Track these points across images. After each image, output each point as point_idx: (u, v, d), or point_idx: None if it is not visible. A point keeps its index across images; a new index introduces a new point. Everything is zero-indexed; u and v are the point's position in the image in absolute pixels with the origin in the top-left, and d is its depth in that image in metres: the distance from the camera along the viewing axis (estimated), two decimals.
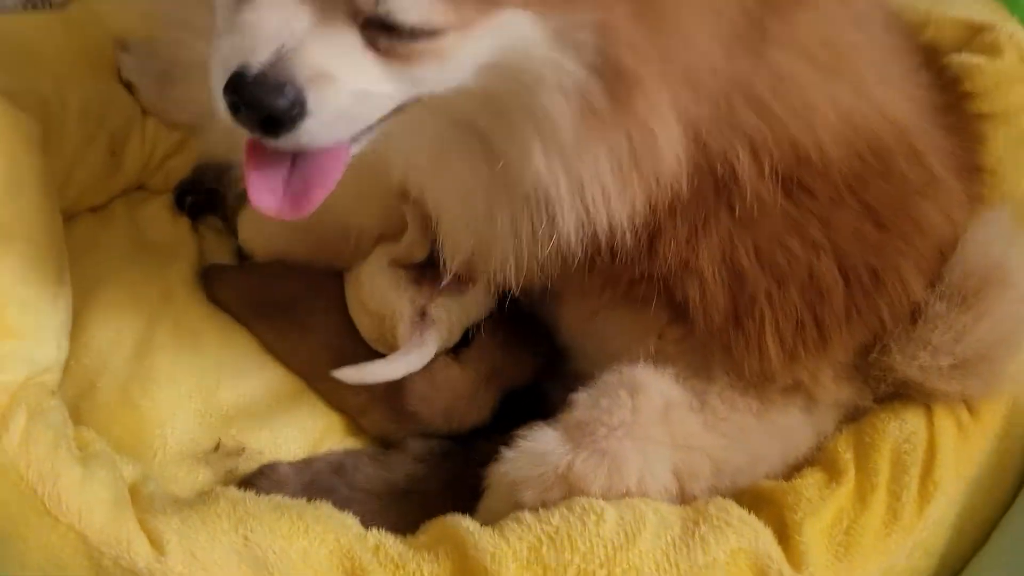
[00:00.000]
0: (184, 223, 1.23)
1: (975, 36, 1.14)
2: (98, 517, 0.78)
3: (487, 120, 0.78)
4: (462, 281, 1.02)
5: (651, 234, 0.85)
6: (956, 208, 0.95)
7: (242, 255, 1.22)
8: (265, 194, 0.74)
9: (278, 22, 0.67)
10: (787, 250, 0.88)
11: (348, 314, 1.10)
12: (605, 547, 0.80)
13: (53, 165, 1.02)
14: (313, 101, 0.67)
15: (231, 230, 1.23)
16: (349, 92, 0.69)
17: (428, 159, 0.85)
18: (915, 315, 0.92)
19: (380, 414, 1.08)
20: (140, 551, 0.76)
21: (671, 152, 0.77)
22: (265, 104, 0.67)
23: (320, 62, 0.67)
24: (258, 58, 0.66)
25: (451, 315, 1.04)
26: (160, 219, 1.23)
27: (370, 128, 0.74)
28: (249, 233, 1.18)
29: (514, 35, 0.70)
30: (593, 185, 0.77)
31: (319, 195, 0.74)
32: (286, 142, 0.69)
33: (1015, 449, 0.95)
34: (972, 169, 1.02)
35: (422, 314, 1.03)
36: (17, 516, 0.78)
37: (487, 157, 0.79)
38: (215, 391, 1.05)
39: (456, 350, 1.07)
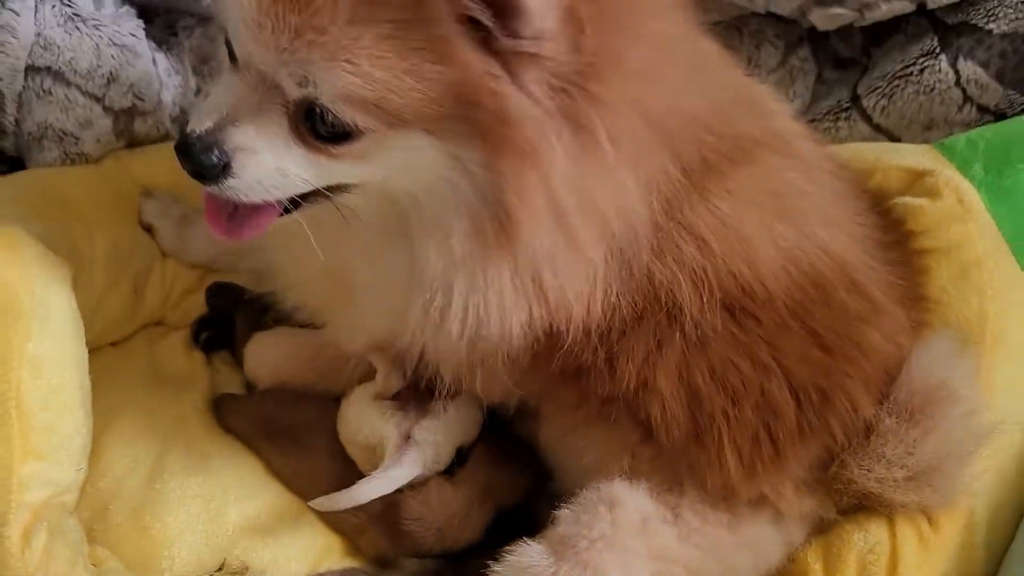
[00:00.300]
0: (198, 357, 1.32)
1: (917, 180, 1.25)
2: None
3: (408, 213, 0.89)
4: (441, 398, 1.11)
5: (609, 355, 0.95)
6: (900, 333, 1.04)
7: (249, 387, 1.30)
8: (213, 220, 0.92)
9: (224, 101, 0.84)
10: (739, 371, 0.97)
11: None
12: None
13: (82, 303, 1.11)
14: (236, 166, 0.84)
15: (239, 364, 1.32)
16: (268, 166, 0.84)
17: (364, 242, 0.96)
18: (868, 431, 0.99)
19: (376, 534, 1.14)
20: None
21: (580, 276, 0.88)
22: (196, 159, 0.83)
23: (248, 139, 0.83)
24: (202, 125, 0.84)
25: (436, 436, 1.12)
26: (176, 353, 1.32)
27: (309, 201, 0.88)
28: (254, 364, 1.27)
29: (418, 152, 0.82)
30: (489, 293, 0.88)
31: (250, 235, 0.92)
32: (219, 192, 0.86)
33: (975, 558, 1.01)
34: (916, 298, 1.11)
35: (407, 437, 1.11)
36: None
37: (408, 247, 0.91)
38: (222, 512, 1.12)
39: (451, 471, 1.15)
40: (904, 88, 1.42)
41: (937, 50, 1.39)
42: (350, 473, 1.14)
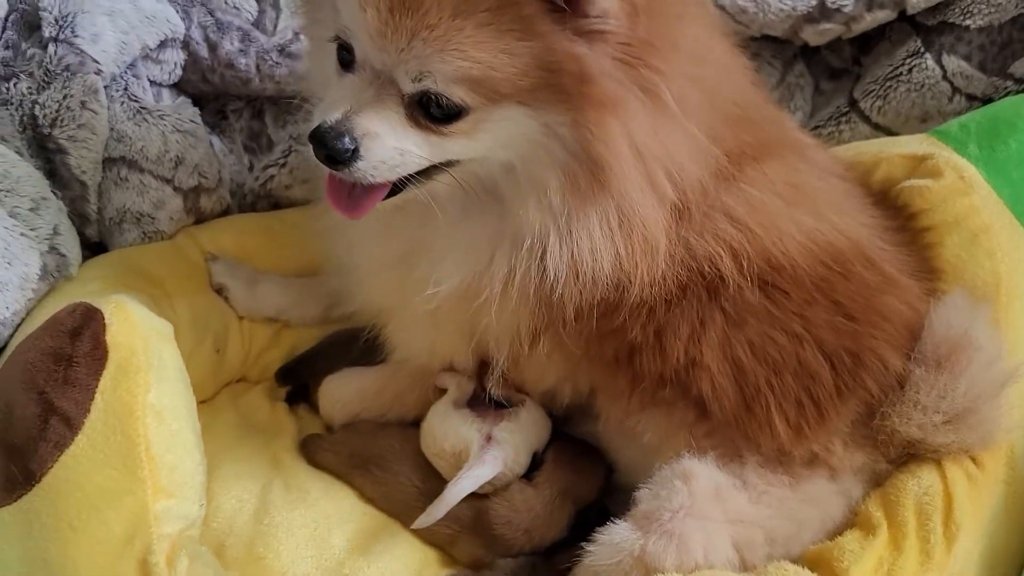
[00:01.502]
0: (281, 407, 1.43)
1: (919, 165, 1.36)
2: None
3: (501, 182, 1.03)
4: (513, 403, 1.24)
5: (657, 329, 1.06)
6: (916, 300, 1.15)
7: (329, 428, 1.41)
8: (335, 200, 1.05)
9: (346, 97, 0.98)
10: (776, 344, 1.08)
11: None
12: None
13: None
14: (364, 149, 0.97)
15: (317, 411, 1.43)
16: (391, 147, 0.98)
17: (449, 216, 1.08)
18: (901, 383, 1.09)
19: (469, 542, 1.23)
20: None
21: (654, 223, 1.01)
22: (331, 146, 0.97)
23: (373, 125, 0.97)
24: (332, 116, 0.97)
25: (514, 436, 1.22)
26: (261, 406, 1.43)
27: (418, 180, 1.02)
28: (327, 404, 1.37)
29: (515, 122, 0.96)
30: (581, 238, 1.00)
31: (365, 210, 1.04)
32: (348, 175, 0.99)
33: (1020, 492, 1.10)
34: (927, 271, 1.21)
35: (488, 438, 1.22)
36: None
37: (499, 211, 1.04)
38: (327, 538, 1.21)
39: (529, 476, 1.25)
40: (897, 88, 1.55)
41: (922, 50, 1.53)
42: (436, 488, 1.23)
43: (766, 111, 1.24)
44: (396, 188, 1.04)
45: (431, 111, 0.96)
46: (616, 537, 1.04)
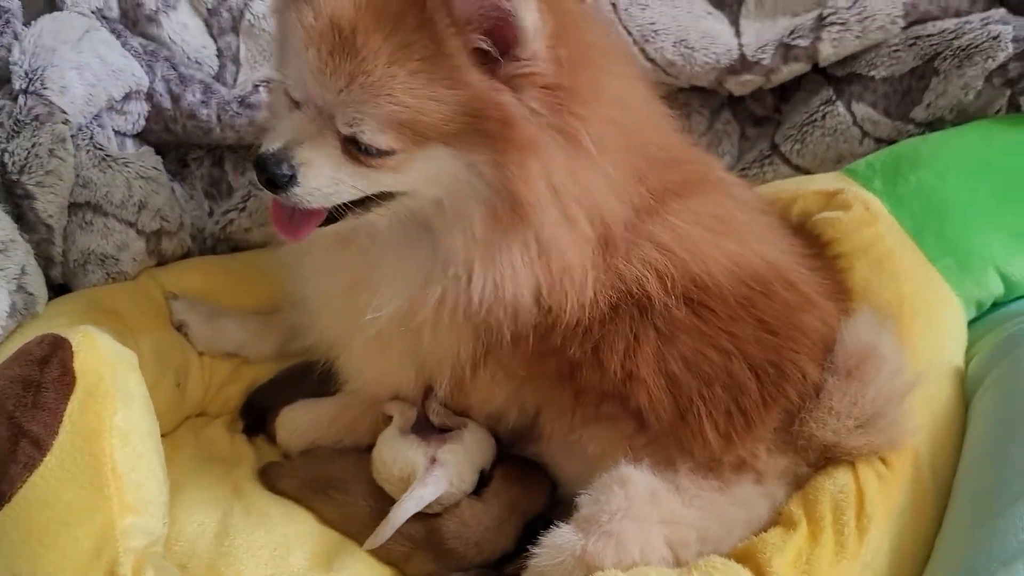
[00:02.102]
0: (240, 439, 1.49)
1: (831, 199, 1.49)
2: None
3: (432, 214, 1.13)
4: (455, 428, 1.32)
5: (594, 346, 1.16)
6: (830, 317, 1.25)
7: (287, 457, 1.47)
8: (278, 223, 1.15)
9: (290, 129, 1.09)
10: (707, 358, 1.17)
11: None
12: None
13: None
14: (301, 176, 1.07)
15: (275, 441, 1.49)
16: (326, 176, 1.07)
17: (390, 247, 1.18)
18: (817, 392, 1.19)
19: (422, 558, 1.29)
20: None
21: (573, 253, 1.11)
22: (270, 171, 1.07)
23: (310, 155, 1.07)
24: (274, 145, 1.08)
25: (458, 456, 1.30)
26: (221, 438, 1.49)
27: (356, 211, 1.12)
28: (284, 433, 1.44)
29: (441, 161, 1.06)
30: (503, 265, 1.10)
31: (304, 234, 1.15)
32: (286, 199, 1.09)
33: (925, 488, 1.20)
34: (839, 292, 1.32)
35: (432, 461, 1.29)
36: None
37: (431, 241, 1.14)
38: (286, 558, 1.27)
39: (478, 492, 1.32)
40: (813, 133, 1.68)
41: (834, 98, 1.67)
42: (390, 506, 1.29)
43: (691, 154, 1.36)
44: (336, 216, 1.13)
45: (361, 147, 1.05)
46: (559, 540, 1.11)
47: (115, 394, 1.15)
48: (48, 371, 1.13)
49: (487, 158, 1.05)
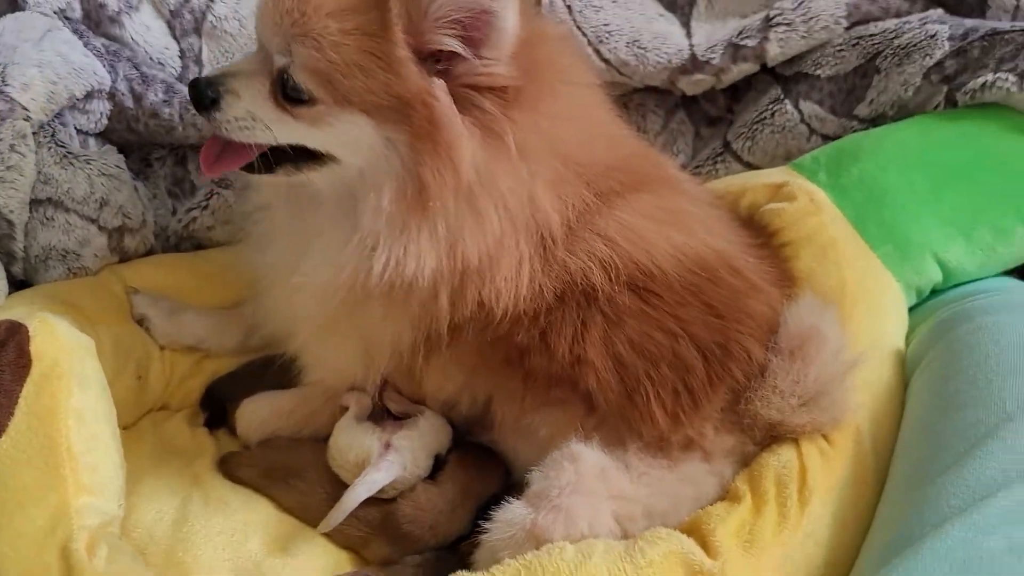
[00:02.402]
0: (202, 432, 1.50)
1: (777, 191, 1.54)
2: None
3: (356, 185, 1.17)
4: (410, 415, 1.36)
5: (541, 332, 1.19)
6: (775, 302, 1.29)
7: (246, 448, 1.48)
8: (204, 158, 1.24)
9: (234, 64, 1.21)
10: (653, 340, 1.21)
11: None
12: (568, 565, 1.05)
13: None
14: (224, 103, 1.16)
15: (235, 433, 1.50)
16: (243, 108, 1.16)
17: (326, 217, 1.23)
18: (763, 372, 1.23)
19: (379, 542, 1.31)
20: None
21: (476, 248, 1.15)
22: (199, 91, 1.17)
23: (238, 87, 1.16)
24: (211, 73, 1.20)
25: (412, 442, 1.32)
26: (182, 431, 1.50)
27: (285, 166, 1.20)
28: (244, 424, 1.45)
29: (359, 128, 1.12)
30: (409, 244, 1.14)
31: (219, 169, 1.24)
32: (209, 122, 1.18)
33: (866, 463, 1.24)
34: (784, 279, 1.37)
35: (387, 446, 1.31)
36: None
37: (353, 212, 1.17)
38: (244, 543, 1.28)
39: (433, 476, 1.34)
40: (763, 130, 1.73)
41: (782, 97, 1.72)
42: None
43: (644, 155, 1.39)
44: (269, 169, 1.21)
45: (287, 91, 1.12)
46: (510, 515, 1.14)
47: (71, 377, 1.16)
48: (4, 354, 1.15)
49: (405, 139, 1.11)
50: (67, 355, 1.18)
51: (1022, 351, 1.24)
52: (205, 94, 1.17)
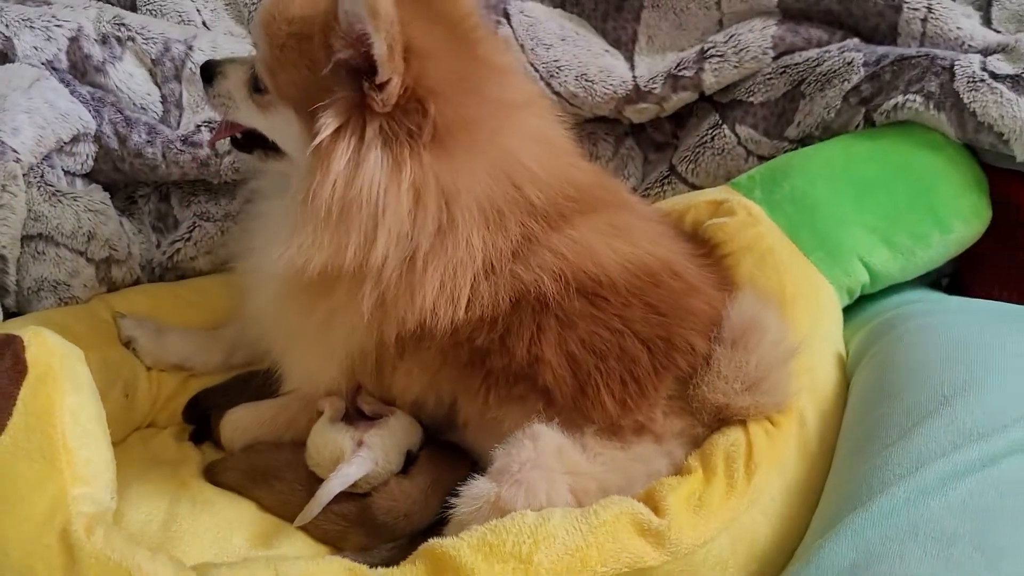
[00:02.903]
0: (188, 445, 1.59)
1: (718, 207, 1.67)
2: (168, 572, 1.09)
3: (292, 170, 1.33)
4: (381, 415, 1.45)
5: (501, 335, 1.30)
6: (715, 302, 1.39)
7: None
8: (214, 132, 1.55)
9: (238, 56, 1.46)
10: (601, 337, 1.31)
11: None
12: (529, 527, 1.14)
13: None
14: (216, 82, 1.39)
15: (220, 446, 1.59)
16: (227, 88, 1.38)
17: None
18: (707, 361, 1.34)
19: (356, 535, 1.39)
20: None
21: (354, 254, 1.25)
22: (205, 68, 1.41)
23: (229, 70, 1.39)
24: (218, 60, 1.41)
25: (384, 439, 1.41)
26: (169, 445, 1.59)
27: (256, 151, 1.42)
28: (228, 431, 1.54)
29: (287, 119, 1.30)
30: (303, 236, 1.25)
31: (219, 137, 1.59)
32: (207, 94, 1.41)
33: (810, 446, 1.34)
34: (726, 284, 1.47)
35: (359, 443, 1.40)
36: None
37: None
38: (229, 539, 1.35)
39: (405, 471, 1.44)
40: (704, 153, 1.88)
41: (720, 122, 1.87)
42: None
43: (596, 181, 1.48)
44: (249, 149, 1.44)
45: (255, 82, 1.33)
46: (475, 490, 1.23)
47: (64, 380, 1.24)
48: (1, 362, 1.23)
49: (309, 138, 1.23)
50: (59, 360, 1.26)
51: (955, 346, 1.36)
52: (207, 71, 1.41)
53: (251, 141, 1.43)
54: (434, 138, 1.22)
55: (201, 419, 1.62)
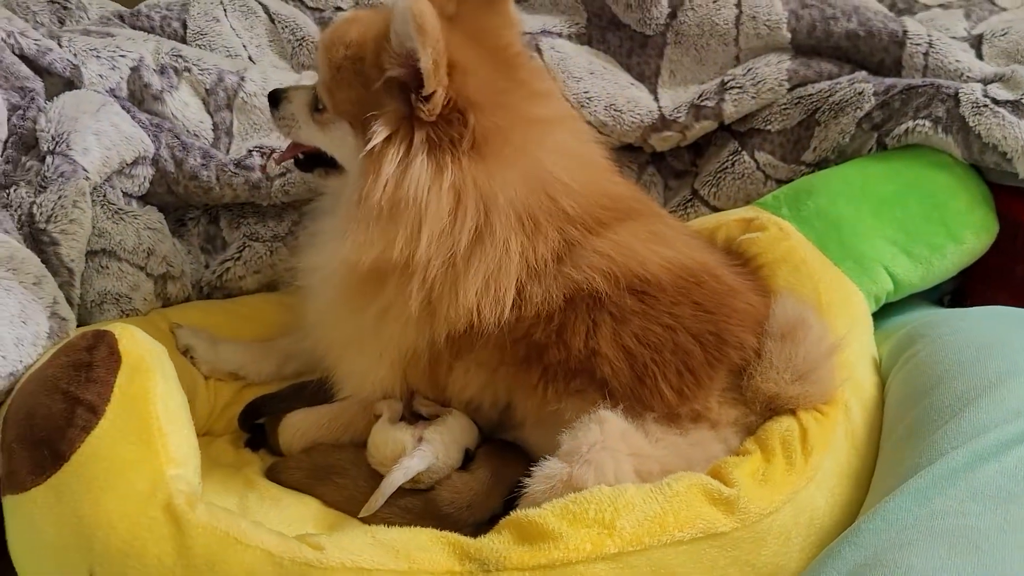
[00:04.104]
0: (245, 451, 1.64)
1: (749, 224, 1.78)
2: (273, 539, 1.15)
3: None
4: (437, 412, 1.52)
5: (558, 329, 1.39)
6: (755, 301, 1.49)
7: None
8: (282, 153, 1.63)
9: (301, 85, 1.55)
10: (655, 333, 1.39)
11: None
12: (608, 497, 1.21)
13: None
14: (282, 105, 1.53)
15: (276, 453, 1.64)
16: (291, 110, 1.52)
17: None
18: (758, 354, 1.43)
19: (423, 526, 1.44)
20: (307, 552, 1.13)
21: (402, 249, 1.36)
22: (273, 94, 1.55)
23: (294, 96, 1.52)
24: (277, 87, 1.54)
25: (443, 435, 1.47)
26: (227, 451, 1.63)
27: (317, 169, 1.55)
28: (288, 435, 1.59)
29: (344, 133, 1.43)
30: (356, 232, 1.37)
31: (280, 159, 1.66)
32: (274, 118, 1.55)
33: (856, 432, 1.42)
34: (763, 291, 1.55)
35: (419, 439, 1.47)
36: (218, 550, 1.14)
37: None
38: (300, 532, 1.39)
39: (465, 468, 1.50)
40: (725, 178, 2.00)
41: (739, 149, 2.00)
42: None
43: (630, 193, 1.60)
44: (310, 167, 1.57)
45: (316, 103, 1.45)
46: (548, 470, 1.29)
47: (155, 370, 1.31)
48: (97, 353, 1.29)
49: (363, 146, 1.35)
50: (149, 353, 1.33)
51: (990, 342, 1.44)
52: (275, 97, 1.54)
53: (312, 161, 1.56)
54: (473, 146, 1.34)
55: (256, 427, 1.68)
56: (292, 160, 1.61)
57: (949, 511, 1.12)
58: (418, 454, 1.44)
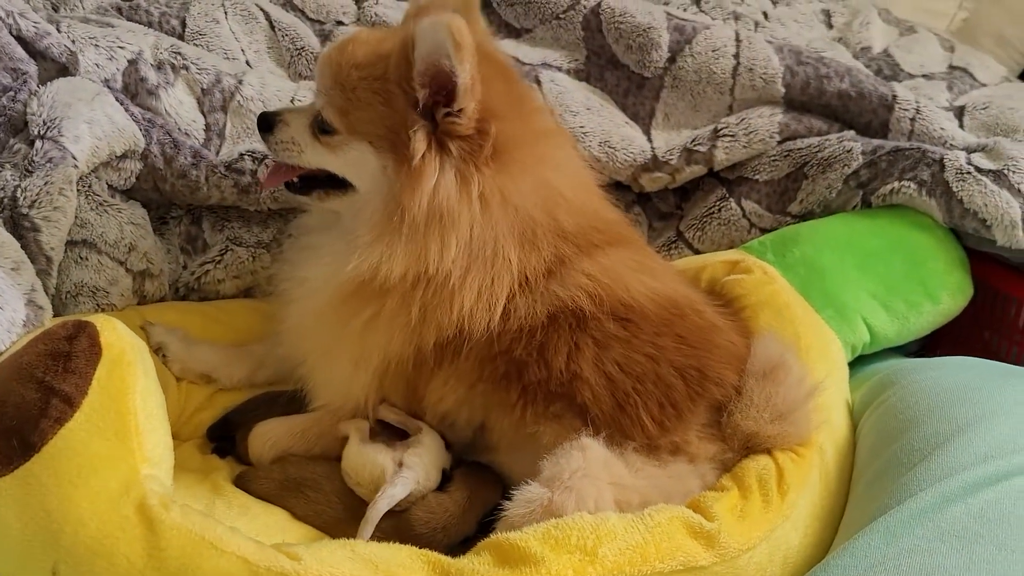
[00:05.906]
0: (212, 456, 1.60)
1: (735, 266, 1.80)
2: (250, 546, 1.11)
3: (356, 207, 1.45)
4: (410, 429, 1.51)
5: (539, 347, 1.39)
6: (736, 339, 1.51)
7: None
8: (267, 176, 1.58)
9: (295, 107, 1.57)
10: (637, 362, 1.40)
11: None
12: (590, 524, 1.20)
13: None
14: (276, 129, 1.47)
15: (245, 462, 1.60)
16: (289, 134, 1.47)
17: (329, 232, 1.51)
18: (739, 392, 1.44)
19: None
20: (284, 562, 1.10)
21: (435, 261, 1.38)
22: (263, 118, 1.49)
23: (289, 118, 1.48)
24: (272, 110, 1.50)
25: (422, 459, 1.45)
26: (194, 456, 1.60)
27: (315, 192, 1.50)
28: (258, 445, 1.56)
29: (362, 154, 1.40)
30: (382, 249, 1.38)
31: (271, 182, 1.58)
32: (267, 143, 1.49)
33: (829, 475, 1.44)
34: (745, 332, 1.58)
35: (399, 464, 1.44)
36: (192, 555, 1.10)
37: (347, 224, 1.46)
38: (271, 542, 1.37)
39: (442, 488, 1.48)
40: (711, 223, 2.03)
41: (727, 196, 2.03)
42: (359, 504, 1.44)
43: (619, 220, 1.62)
44: (306, 191, 1.52)
45: (321, 125, 1.42)
46: (528, 494, 1.28)
47: (136, 365, 1.27)
48: (77, 343, 1.25)
49: (392, 165, 1.37)
50: (131, 348, 1.29)
51: (960, 389, 1.46)
52: (266, 120, 1.48)
53: (309, 183, 1.53)
54: (493, 155, 1.37)
55: (224, 436, 1.64)
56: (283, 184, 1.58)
57: (916, 550, 1.13)
58: (400, 481, 1.42)
